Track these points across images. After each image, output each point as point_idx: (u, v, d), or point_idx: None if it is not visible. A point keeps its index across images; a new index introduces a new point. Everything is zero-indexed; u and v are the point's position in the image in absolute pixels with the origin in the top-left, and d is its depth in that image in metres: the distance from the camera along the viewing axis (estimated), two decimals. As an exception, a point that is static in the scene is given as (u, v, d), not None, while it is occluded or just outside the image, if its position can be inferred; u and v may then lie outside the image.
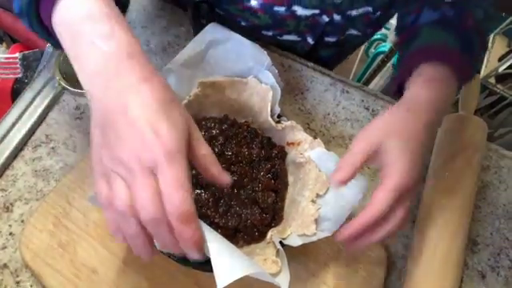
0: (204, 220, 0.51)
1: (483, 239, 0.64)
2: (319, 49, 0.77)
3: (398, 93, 0.55)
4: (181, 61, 0.58)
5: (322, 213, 0.51)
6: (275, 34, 0.73)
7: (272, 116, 0.58)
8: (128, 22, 0.74)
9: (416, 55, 0.54)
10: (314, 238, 0.49)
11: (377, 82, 1.46)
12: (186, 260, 0.41)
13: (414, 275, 0.56)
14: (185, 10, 0.76)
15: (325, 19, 0.66)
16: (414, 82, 0.50)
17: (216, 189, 0.53)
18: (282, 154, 0.58)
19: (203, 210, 0.51)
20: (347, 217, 0.50)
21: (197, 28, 0.62)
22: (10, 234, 0.53)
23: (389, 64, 1.41)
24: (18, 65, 0.72)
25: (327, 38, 0.74)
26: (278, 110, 0.59)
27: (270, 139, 0.60)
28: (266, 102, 0.58)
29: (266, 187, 0.54)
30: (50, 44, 0.44)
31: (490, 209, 0.68)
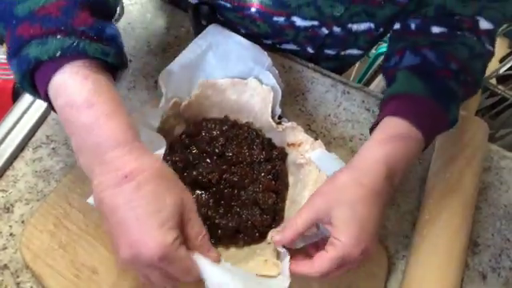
0: (204, 221, 0.51)
1: (484, 240, 0.64)
2: (319, 60, 0.77)
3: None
4: (181, 62, 0.58)
5: (323, 213, 0.51)
6: (274, 43, 0.73)
7: (273, 117, 0.58)
8: (128, 23, 0.74)
9: (387, 104, 0.53)
10: (315, 239, 0.49)
11: (377, 83, 1.46)
12: None
13: (415, 276, 0.56)
14: (185, 11, 0.76)
15: (324, 31, 0.66)
16: (372, 139, 0.49)
17: (217, 190, 0.53)
18: (283, 155, 0.58)
19: (203, 211, 0.51)
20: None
21: (197, 29, 0.62)
22: (11, 235, 0.53)
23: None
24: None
25: (327, 51, 0.74)
26: (279, 111, 0.59)
27: (271, 140, 0.60)
28: (267, 103, 0.58)
29: (267, 188, 0.54)
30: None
31: (491, 210, 0.67)
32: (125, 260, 0.38)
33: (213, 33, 0.61)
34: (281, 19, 0.64)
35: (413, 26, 0.60)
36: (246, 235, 0.52)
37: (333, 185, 0.46)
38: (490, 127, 0.71)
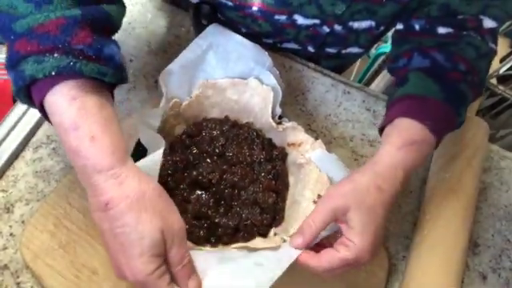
0: (204, 220, 0.51)
1: (484, 241, 0.64)
2: (320, 59, 0.77)
3: (381, 132, 0.55)
4: (182, 62, 0.58)
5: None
6: (275, 42, 0.73)
7: (273, 117, 0.58)
8: (128, 23, 0.73)
9: (400, 102, 0.54)
10: (326, 234, 0.49)
11: (378, 83, 1.46)
12: None
13: (415, 276, 0.56)
14: (186, 11, 0.76)
15: (325, 30, 0.66)
16: (391, 144, 0.49)
17: (217, 190, 0.53)
18: (283, 155, 0.58)
19: (204, 211, 0.51)
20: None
21: (198, 29, 0.62)
22: (11, 235, 0.53)
23: (390, 65, 1.40)
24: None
25: (328, 49, 0.74)
26: (279, 111, 0.59)
27: (271, 140, 0.60)
28: (267, 103, 0.58)
29: (267, 188, 0.54)
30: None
31: (491, 210, 0.67)
32: (117, 277, 0.41)
33: (213, 33, 0.61)
34: (282, 18, 0.64)
35: (417, 27, 0.60)
36: (246, 233, 0.52)
37: (353, 187, 0.46)
38: (491, 127, 0.71)
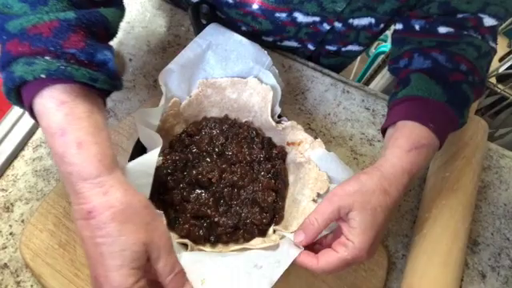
0: (204, 219, 0.51)
1: (484, 239, 0.64)
2: (320, 57, 0.77)
3: (383, 132, 0.56)
4: (181, 61, 0.58)
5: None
6: (275, 40, 0.73)
7: (272, 116, 0.58)
8: (128, 23, 0.73)
9: (402, 106, 0.53)
10: (326, 232, 0.49)
11: (377, 82, 1.46)
12: None
13: (414, 275, 0.56)
14: (185, 10, 0.76)
15: (326, 27, 0.66)
16: (399, 147, 0.49)
17: (216, 189, 0.53)
18: (283, 154, 0.58)
19: (203, 209, 0.51)
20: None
21: (197, 28, 0.62)
22: (11, 234, 0.53)
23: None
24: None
25: (328, 47, 0.74)
26: (279, 110, 0.59)
27: (271, 139, 0.60)
28: (267, 102, 0.58)
29: (267, 187, 0.54)
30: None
31: (491, 209, 0.68)
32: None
33: (213, 32, 0.61)
34: (283, 15, 0.64)
35: (417, 27, 0.60)
36: (246, 232, 0.52)
37: (359, 187, 0.45)
38: (490, 126, 0.71)
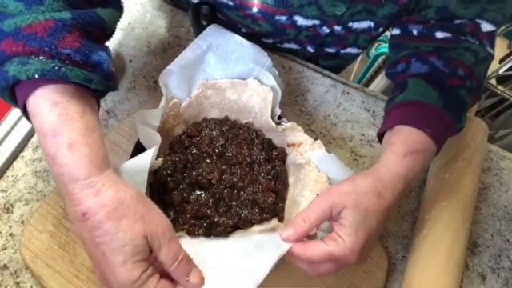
0: (204, 219, 0.51)
1: (484, 241, 0.64)
2: (319, 59, 0.77)
3: (380, 137, 0.56)
4: (181, 62, 0.58)
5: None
6: (275, 42, 0.73)
7: (272, 117, 0.58)
8: (128, 23, 0.73)
9: (399, 111, 0.53)
10: (316, 238, 0.49)
11: (377, 84, 1.46)
12: None
13: (414, 276, 0.56)
14: (185, 11, 0.76)
15: (325, 30, 0.66)
16: (394, 152, 0.49)
17: (216, 190, 0.53)
18: (283, 156, 0.58)
19: (203, 210, 0.51)
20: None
21: (197, 29, 0.62)
22: (11, 235, 0.53)
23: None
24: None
25: (327, 49, 0.74)
26: (279, 112, 0.59)
27: (271, 141, 0.60)
28: (267, 104, 0.58)
29: (267, 188, 0.54)
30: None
31: (491, 210, 0.67)
32: (102, 284, 0.40)
33: (213, 33, 0.61)
34: (282, 18, 0.64)
35: (415, 32, 0.60)
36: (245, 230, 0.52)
37: (353, 188, 0.45)
38: (490, 128, 0.71)
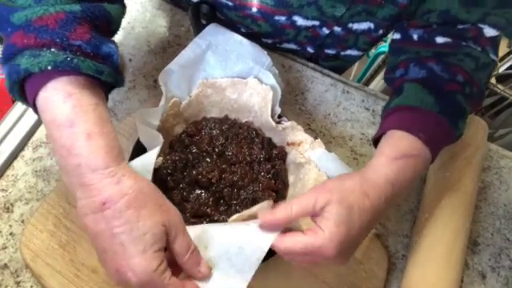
0: (204, 218, 0.51)
1: (484, 239, 0.64)
2: (319, 60, 0.77)
3: (375, 143, 0.55)
4: (181, 61, 0.58)
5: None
6: (275, 42, 0.73)
7: (272, 116, 0.58)
8: (128, 23, 0.73)
9: (393, 116, 0.53)
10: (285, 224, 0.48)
11: (377, 83, 1.46)
12: None
13: (414, 275, 0.56)
14: (185, 10, 0.76)
15: (325, 31, 0.66)
16: (384, 155, 0.48)
17: (216, 189, 0.53)
18: (283, 155, 0.58)
19: (203, 209, 0.51)
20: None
21: (197, 28, 0.62)
22: (11, 234, 0.53)
23: (389, 64, 1.39)
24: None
25: (327, 50, 0.74)
26: (279, 111, 0.59)
27: (271, 140, 0.60)
28: (267, 103, 0.58)
29: (267, 187, 0.54)
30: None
31: (491, 209, 0.67)
32: (116, 282, 0.39)
33: (212, 32, 0.61)
34: (282, 18, 0.64)
35: (415, 37, 0.59)
36: None
37: (340, 185, 0.45)
38: (490, 127, 0.71)
